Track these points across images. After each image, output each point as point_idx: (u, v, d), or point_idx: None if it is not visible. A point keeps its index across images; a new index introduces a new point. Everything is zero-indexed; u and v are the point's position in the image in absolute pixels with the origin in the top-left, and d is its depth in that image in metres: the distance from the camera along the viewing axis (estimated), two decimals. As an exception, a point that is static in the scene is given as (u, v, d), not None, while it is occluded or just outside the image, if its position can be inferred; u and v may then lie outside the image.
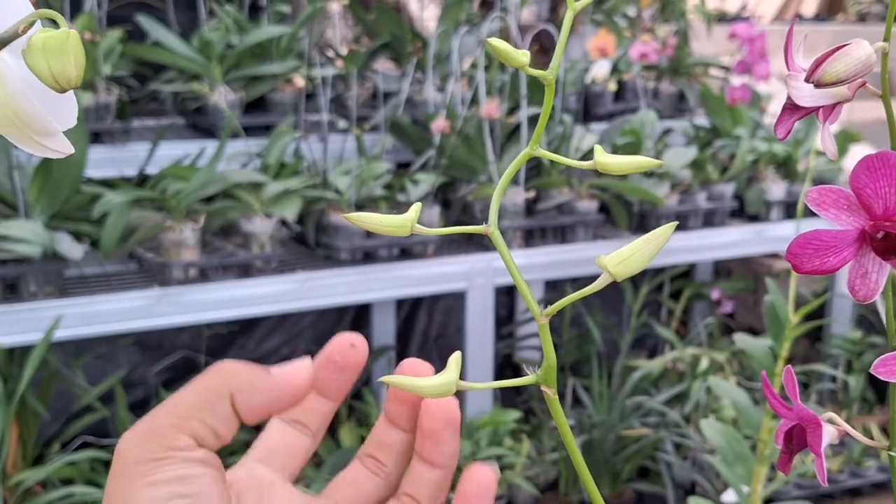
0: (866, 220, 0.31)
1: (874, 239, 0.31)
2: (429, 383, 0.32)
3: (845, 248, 0.32)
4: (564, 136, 1.95)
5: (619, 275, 0.32)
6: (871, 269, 0.33)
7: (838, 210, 0.31)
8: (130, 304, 1.49)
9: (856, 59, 0.30)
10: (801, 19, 4.98)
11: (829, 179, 2.28)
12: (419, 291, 1.82)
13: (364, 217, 0.31)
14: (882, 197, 0.31)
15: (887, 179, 0.30)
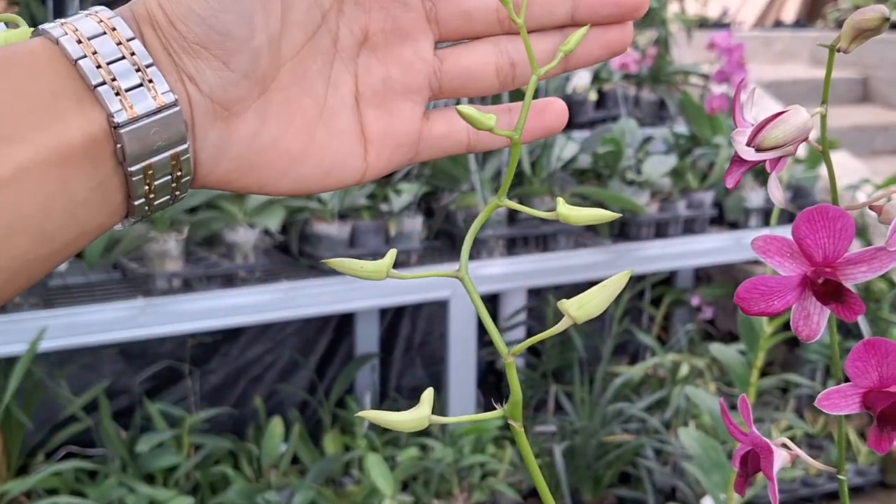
0: (808, 267, 0.34)
1: (815, 284, 0.34)
2: (402, 418, 0.34)
3: (789, 292, 0.35)
4: (546, 144, 1.98)
5: (579, 318, 0.35)
6: (812, 312, 0.35)
7: (782, 258, 0.34)
8: (115, 314, 1.50)
9: (793, 125, 0.33)
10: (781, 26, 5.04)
11: (807, 187, 2.32)
12: (403, 300, 1.84)
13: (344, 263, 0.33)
14: (821, 246, 0.33)
15: (826, 231, 0.33)
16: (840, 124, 3.44)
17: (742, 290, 0.35)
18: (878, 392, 0.35)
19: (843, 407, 0.36)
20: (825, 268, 0.33)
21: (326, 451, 1.82)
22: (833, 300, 0.34)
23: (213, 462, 1.67)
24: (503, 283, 1.93)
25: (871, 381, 0.35)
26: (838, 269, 0.33)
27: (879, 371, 0.35)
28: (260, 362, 2.11)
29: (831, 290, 0.33)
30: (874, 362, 0.34)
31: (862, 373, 0.35)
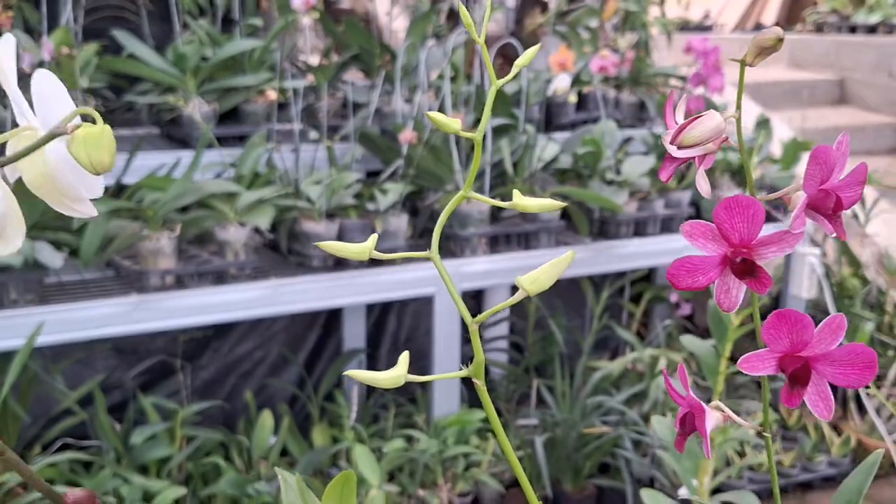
0: (727, 248, 0.40)
1: (733, 263, 0.40)
2: (383, 376, 0.40)
3: (711, 269, 0.40)
4: (528, 145, 2.04)
5: (532, 291, 0.40)
6: (731, 286, 0.41)
7: (705, 240, 0.40)
8: (109, 310, 1.55)
9: (708, 127, 0.39)
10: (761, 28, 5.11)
11: (781, 186, 2.39)
12: (389, 296, 1.89)
13: (333, 245, 0.38)
14: (737, 230, 0.39)
15: (741, 217, 0.39)
16: (817, 125, 3.52)
17: (672, 268, 0.40)
18: (789, 356, 0.41)
19: (761, 369, 0.42)
20: (741, 248, 0.39)
21: (315, 444, 1.88)
22: (748, 276, 0.40)
23: (205, 454, 1.72)
24: (486, 280, 1.98)
25: (783, 347, 0.41)
26: (752, 249, 0.39)
27: (790, 338, 0.40)
28: (250, 358, 2.16)
29: (747, 267, 0.39)
30: (786, 331, 0.40)
31: (776, 340, 0.40)
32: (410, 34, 2.21)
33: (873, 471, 0.51)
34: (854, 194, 0.40)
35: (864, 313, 2.36)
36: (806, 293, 2.38)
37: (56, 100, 0.34)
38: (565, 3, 2.64)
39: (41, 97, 0.34)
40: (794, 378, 0.40)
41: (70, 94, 1.14)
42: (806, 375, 0.40)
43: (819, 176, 0.40)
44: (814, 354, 0.40)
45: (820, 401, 0.41)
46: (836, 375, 0.40)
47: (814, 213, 0.40)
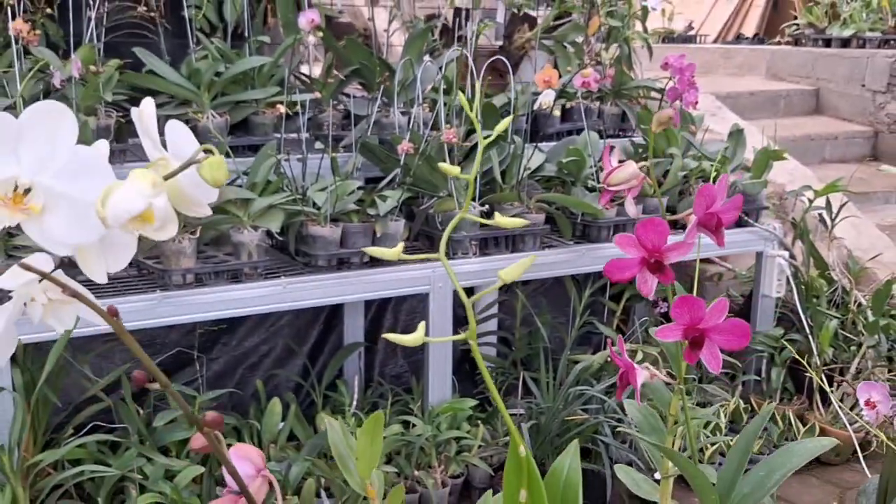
0: (644, 253, 0.56)
1: (648, 263, 0.56)
2: (408, 338, 0.56)
3: (634, 267, 0.57)
4: (515, 154, 2.20)
5: (506, 279, 0.56)
6: (648, 279, 0.58)
7: (629, 247, 0.56)
8: (137, 305, 1.71)
9: (628, 173, 0.55)
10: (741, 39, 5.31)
11: (753, 194, 2.56)
12: (387, 293, 2.05)
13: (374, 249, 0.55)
14: (651, 241, 0.55)
15: (653, 232, 0.55)
16: (793, 133, 3.70)
17: (607, 266, 0.57)
18: (689, 328, 0.57)
19: (671, 336, 0.58)
20: (654, 253, 0.55)
21: (319, 429, 2.03)
22: (658, 272, 0.56)
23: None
24: (477, 279, 2.15)
25: (685, 321, 0.57)
26: (661, 254, 0.55)
27: (690, 315, 0.57)
28: (256, 352, 2.32)
29: (657, 266, 0.55)
30: (686, 310, 0.56)
31: (680, 316, 0.56)
32: (407, 51, 2.37)
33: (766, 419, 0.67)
34: (731, 216, 0.57)
35: (829, 311, 2.53)
36: (775, 293, 2.56)
37: (185, 140, 0.50)
38: (552, 19, 2.81)
39: (174, 138, 0.50)
40: (693, 343, 0.56)
41: (95, 108, 1.34)
42: (701, 341, 0.56)
43: (705, 203, 0.56)
44: (707, 327, 0.57)
45: (712, 359, 0.57)
46: (722, 341, 0.57)
47: (703, 229, 0.56)
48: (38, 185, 0.46)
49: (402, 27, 2.64)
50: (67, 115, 0.47)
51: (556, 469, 0.61)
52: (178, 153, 0.51)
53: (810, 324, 2.48)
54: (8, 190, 0.46)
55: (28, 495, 1.59)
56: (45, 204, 0.46)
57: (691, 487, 0.97)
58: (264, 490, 0.62)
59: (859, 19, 4.09)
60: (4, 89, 1.90)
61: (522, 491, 0.55)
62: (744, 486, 0.74)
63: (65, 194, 0.47)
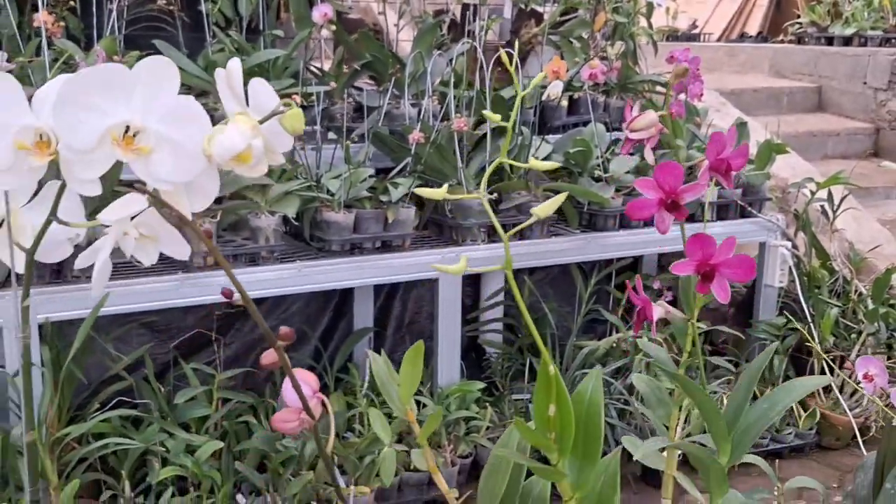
0: (662, 194, 0.64)
1: (665, 203, 0.64)
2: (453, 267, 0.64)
3: (653, 207, 0.65)
4: (523, 145, 2.29)
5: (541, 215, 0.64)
6: (665, 218, 0.66)
7: (648, 189, 0.64)
8: (161, 285, 1.79)
9: (647, 120, 0.64)
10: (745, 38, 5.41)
11: (756, 185, 2.65)
12: (398, 278, 2.14)
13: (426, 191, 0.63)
14: (667, 183, 0.64)
15: (670, 174, 0.63)
16: (796, 130, 3.80)
17: (629, 206, 0.66)
18: (701, 263, 0.65)
19: (685, 270, 0.67)
20: (670, 194, 0.63)
21: (331, 410, 2.11)
22: (675, 210, 0.65)
23: (237, 415, 1.96)
24: (485, 266, 2.23)
25: (698, 258, 0.65)
26: (677, 194, 0.63)
27: (702, 251, 0.65)
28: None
29: (673, 205, 0.64)
30: (699, 246, 0.65)
31: (693, 252, 0.65)
32: (417, 44, 2.46)
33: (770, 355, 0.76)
34: (739, 162, 0.65)
35: (830, 301, 2.62)
36: (778, 282, 2.64)
37: (267, 96, 0.59)
38: (558, 15, 2.90)
39: (257, 95, 0.59)
40: (705, 276, 0.65)
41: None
42: (712, 275, 0.65)
43: (716, 150, 0.65)
44: (717, 261, 0.65)
45: (721, 291, 0.66)
46: (730, 274, 0.65)
47: (714, 172, 0.64)
48: (147, 129, 0.55)
49: (411, 22, 2.73)
50: (172, 69, 0.55)
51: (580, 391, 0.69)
52: (259, 107, 0.59)
53: (812, 312, 2.57)
54: (121, 132, 0.55)
55: (55, 467, 1.67)
56: (152, 146, 0.55)
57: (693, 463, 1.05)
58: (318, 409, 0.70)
59: (861, 18, 4.19)
60: (30, 79, 1.99)
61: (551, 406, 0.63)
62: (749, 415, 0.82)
63: (169, 138, 0.55)
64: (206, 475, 1.77)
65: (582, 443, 0.68)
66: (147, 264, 0.63)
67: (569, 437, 0.65)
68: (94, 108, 0.53)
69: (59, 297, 1.71)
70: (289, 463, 1.89)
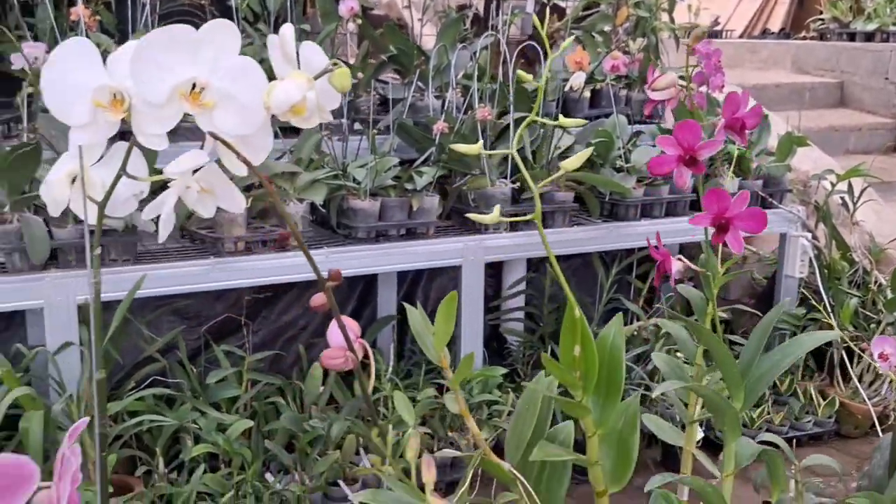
0: (681, 150, 0.70)
1: (684, 159, 0.70)
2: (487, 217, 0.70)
3: (673, 163, 0.71)
4: (545, 136, 2.35)
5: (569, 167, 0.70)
6: (684, 174, 0.72)
7: (668, 146, 0.70)
8: (192, 269, 1.86)
9: (668, 80, 0.69)
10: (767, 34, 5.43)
11: (777, 176, 2.69)
12: (423, 265, 2.20)
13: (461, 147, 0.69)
14: (686, 140, 0.69)
15: (690, 132, 0.69)
16: (817, 125, 3.83)
17: (651, 162, 0.71)
18: (717, 216, 0.71)
19: (702, 223, 0.72)
20: (689, 150, 0.69)
21: (356, 393, 2.18)
22: (692, 166, 0.70)
23: (265, 397, 2.03)
24: (507, 253, 2.29)
25: (714, 211, 0.70)
26: (696, 151, 0.69)
27: (718, 205, 0.70)
28: (294, 325, 2.47)
29: (692, 161, 0.69)
30: (715, 200, 0.70)
31: (710, 206, 0.70)
32: (441, 38, 2.52)
33: (780, 311, 0.81)
34: (754, 121, 0.71)
35: (850, 291, 2.66)
36: (798, 273, 2.68)
37: (317, 56, 0.65)
38: (581, 10, 2.95)
39: (307, 55, 0.65)
40: (720, 228, 0.70)
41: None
42: (727, 227, 0.70)
43: (732, 109, 0.70)
44: (731, 215, 0.71)
45: (735, 242, 0.71)
46: (744, 226, 0.71)
47: (729, 130, 0.70)
48: (211, 86, 0.61)
49: (435, 17, 2.80)
50: (234, 31, 0.61)
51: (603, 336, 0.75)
52: (310, 67, 0.66)
53: (832, 303, 2.61)
54: (188, 88, 0.61)
55: (93, 443, 1.74)
56: (216, 101, 0.61)
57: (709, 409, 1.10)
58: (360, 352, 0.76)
59: (883, 14, 4.21)
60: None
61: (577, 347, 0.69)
62: (761, 365, 0.87)
63: (230, 94, 0.62)
64: (237, 453, 1.84)
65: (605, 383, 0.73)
66: (206, 216, 0.70)
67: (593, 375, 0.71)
68: (165, 66, 0.59)
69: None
70: (316, 442, 1.95)
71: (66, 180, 0.68)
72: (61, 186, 0.68)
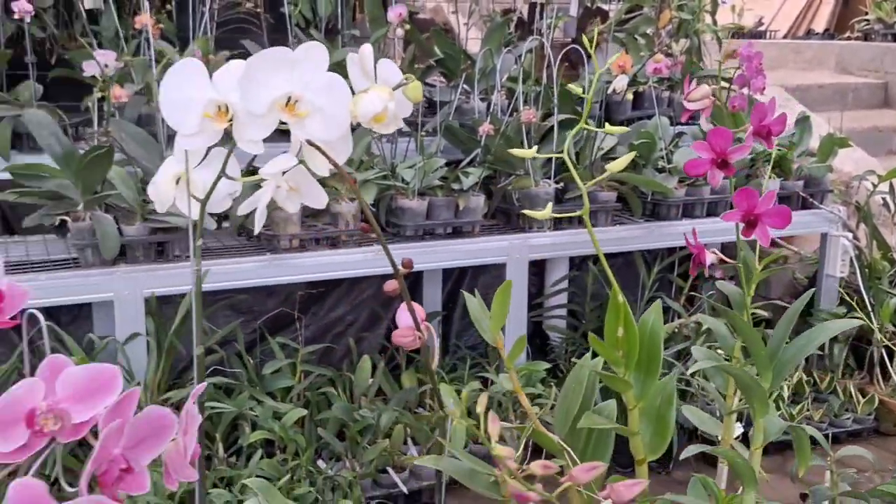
0: (714, 154, 0.79)
1: (716, 162, 0.78)
2: (539, 214, 0.79)
3: (706, 165, 0.80)
4: (588, 138, 2.43)
5: (614, 169, 0.79)
6: (717, 175, 0.81)
7: (702, 150, 0.79)
8: (249, 265, 1.98)
9: (702, 92, 0.78)
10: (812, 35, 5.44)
11: (818, 177, 2.74)
12: (468, 262, 2.30)
13: (515, 150, 0.79)
14: (718, 145, 0.78)
15: (721, 138, 0.78)
16: (861, 125, 3.85)
17: (687, 164, 0.80)
18: (747, 213, 0.79)
19: (733, 219, 0.81)
20: (721, 154, 0.78)
21: (404, 386, 2.29)
22: (723, 168, 0.79)
23: (317, 388, 2.14)
24: (551, 252, 2.38)
25: (744, 208, 0.79)
26: (727, 155, 0.78)
27: (747, 203, 0.79)
28: (342, 321, 2.59)
29: (724, 164, 0.78)
30: (745, 197, 0.79)
31: (740, 203, 0.79)
32: (487, 42, 2.62)
33: (807, 299, 0.90)
34: (779, 128, 0.79)
35: (891, 290, 2.70)
36: (839, 272, 2.73)
37: (392, 72, 0.75)
38: (623, 13, 3.03)
39: (384, 71, 0.75)
40: (749, 223, 0.79)
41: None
42: (755, 222, 0.79)
43: (759, 117, 0.79)
44: (759, 212, 0.79)
45: (763, 236, 0.79)
46: (770, 222, 0.79)
47: (757, 137, 0.78)
48: (304, 99, 0.72)
49: (480, 21, 2.90)
50: (324, 51, 0.72)
51: (644, 319, 0.84)
52: (386, 81, 0.76)
53: (872, 302, 2.65)
54: (284, 101, 0.72)
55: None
56: (308, 111, 0.72)
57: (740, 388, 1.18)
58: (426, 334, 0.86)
59: (930, 13, 4.22)
60: (131, 76, 2.21)
61: (620, 328, 0.78)
62: (788, 350, 0.95)
63: (320, 106, 0.72)
64: (292, 439, 1.95)
65: (645, 362, 0.82)
66: (292, 211, 0.80)
67: (634, 354, 0.80)
68: (266, 82, 0.70)
69: (163, 273, 1.91)
70: (365, 432, 2.06)
71: (171, 181, 0.80)
72: (167, 186, 0.80)
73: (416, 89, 0.73)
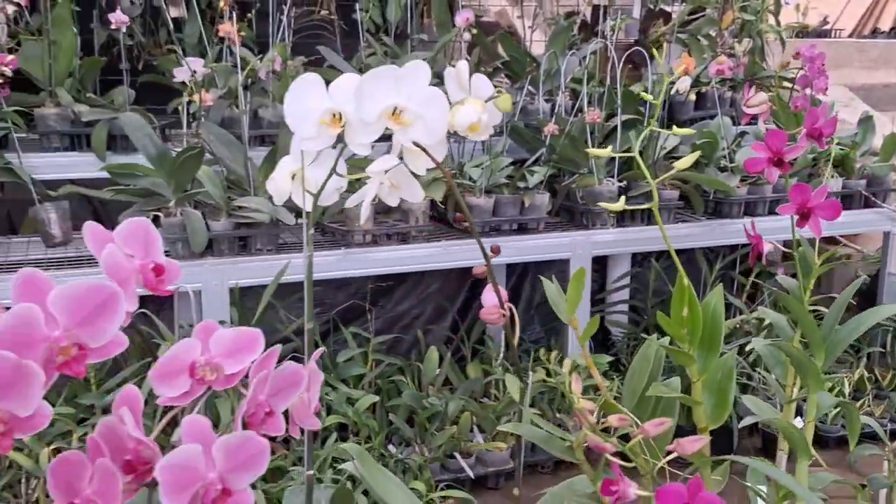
0: (771, 154, 0.88)
1: (772, 160, 0.88)
2: (614, 206, 0.90)
3: (765, 164, 0.89)
4: (651, 137, 2.52)
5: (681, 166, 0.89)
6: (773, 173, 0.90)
7: (760, 150, 0.88)
8: (325, 259, 2.12)
9: (759, 99, 0.88)
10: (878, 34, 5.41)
11: (881, 176, 2.78)
12: (533, 258, 2.40)
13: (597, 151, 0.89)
14: (774, 145, 0.87)
15: (777, 139, 0.87)
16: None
17: (747, 163, 0.90)
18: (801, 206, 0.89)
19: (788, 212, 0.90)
20: (776, 153, 0.87)
21: (469, 376, 2.40)
22: (780, 167, 0.88)
23: (387, 376, 2.27)
24: (613, 248, 2.47)
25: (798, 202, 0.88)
26: (783, 154, 0.87)
27: (801, 197, 0.88)
28: (409, 314, 2.72)
29: (779, 163, 0.88)
30: (799, 192, 0.88)
31: (795, 197, 0.88)
32: (551, 44, 2.72)
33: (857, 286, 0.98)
34: (830, 131, 0.88)
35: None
36: (902, 272, 2.77)
37: (484, 85, 0.87)
38: (686, 14, 3.10)
39: (477, 84, 0.87)
40: (803, 216, 0.88)
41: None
42: (808, 215, 0.88)
43: (812, 121, 0.88)
44: (812, 205, 0.88)
45: (815, 227, 0.89)
46: (823, 214, 0.88)
47: (810, 138, 0.88)
48: (408, 109, 0.83)
49: (544, 24, 3.00)
50: (425, 68, 0.84)
51: (707, 302, 0.94)
52: (479, 94, 0.87)
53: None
54: (390, 110, 0.83)
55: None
56: (411, 120, 0.84)
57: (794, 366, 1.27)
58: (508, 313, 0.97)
59: None
60: (215, 81, 2.36)
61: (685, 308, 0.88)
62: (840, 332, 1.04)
63: (422, 115, 0.84)
64: (364, 424, 2.08)
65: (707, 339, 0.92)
66: (393, 205, 0.92)
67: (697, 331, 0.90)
68: (375, 95, 0.82)
69: (246, 266, 2.06)
70: (434, 418, 2.18)
71: (287, 177, 0.92)
72: (284, 182, 0.92)
73: (507, 101, 0.84)
